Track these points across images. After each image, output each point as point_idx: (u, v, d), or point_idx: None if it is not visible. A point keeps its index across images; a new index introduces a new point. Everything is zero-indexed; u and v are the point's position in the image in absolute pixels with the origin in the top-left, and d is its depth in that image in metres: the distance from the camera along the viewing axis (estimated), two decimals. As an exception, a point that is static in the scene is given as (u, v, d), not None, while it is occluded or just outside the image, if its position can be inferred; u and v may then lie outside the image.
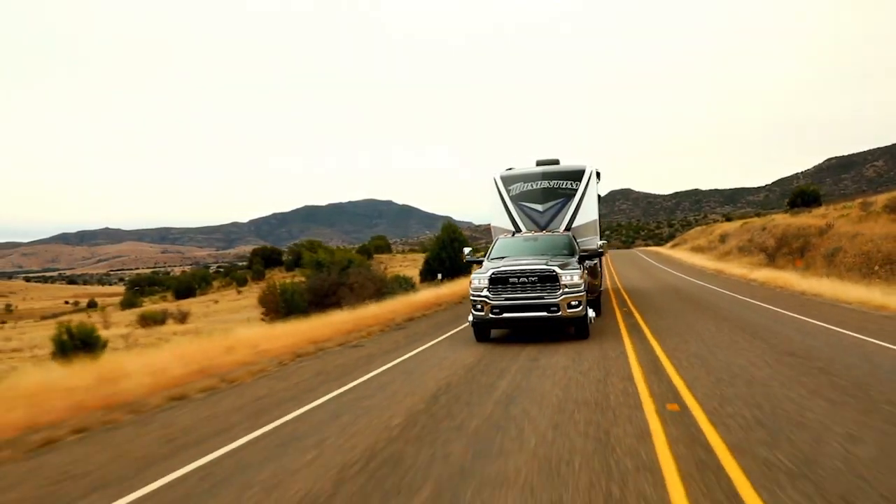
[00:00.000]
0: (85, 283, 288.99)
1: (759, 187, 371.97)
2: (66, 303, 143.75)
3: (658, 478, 4.49)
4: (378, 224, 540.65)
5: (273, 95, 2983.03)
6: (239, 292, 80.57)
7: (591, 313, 11.72)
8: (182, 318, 50.44)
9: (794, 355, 9.57)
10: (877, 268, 29.71)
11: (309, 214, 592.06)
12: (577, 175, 16.03)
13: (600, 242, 14.42)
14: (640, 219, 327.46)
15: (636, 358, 9.66)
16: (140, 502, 4.51)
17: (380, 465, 5.03)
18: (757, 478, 4.45)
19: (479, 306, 11.30)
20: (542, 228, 15.48)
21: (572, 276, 10.86)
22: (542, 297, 10.80)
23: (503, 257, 12.51)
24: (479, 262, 13.00)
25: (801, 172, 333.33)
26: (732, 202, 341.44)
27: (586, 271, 12.79)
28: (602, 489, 4.33)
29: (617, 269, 43.82)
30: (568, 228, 15.33)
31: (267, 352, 11.59)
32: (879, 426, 5.70)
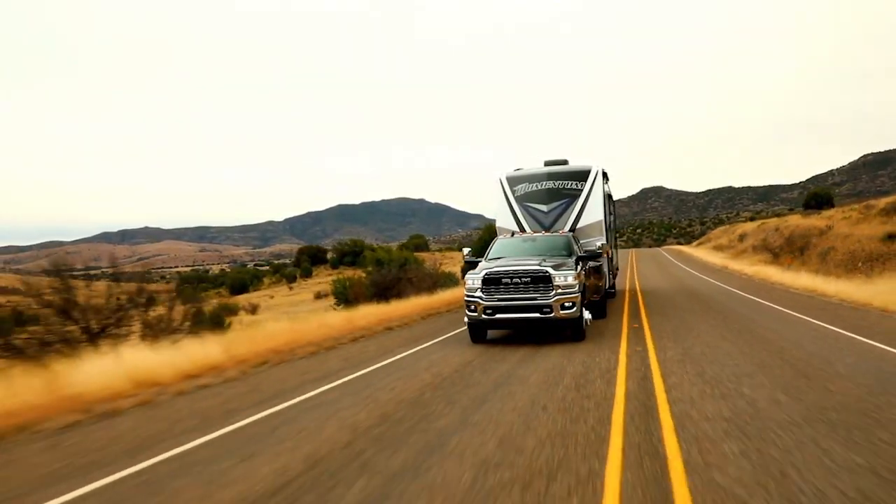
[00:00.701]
0: (128, 280, 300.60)
1: (793, 185, 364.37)
2: (118, 299, 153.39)
3: (618, 340, 11.63)
4: (411, 222, 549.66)
5: (306, 96, 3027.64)
6: (290, 288, 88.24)
7: (586, 315, 12.00)
8: (252, 309, 58.52)
9: (715, 310, 16.73)
10: (860, 264, 35.67)
11: (342, 213, 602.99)
12: (582, 175, 16.31)
13: (599, 243, 14.58)
14: (671, 217, 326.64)
15: (628, 305, 16.93)
16: (405, 357, 11.55)
17: (509, 341, 12.26)
18: (657, 337, 11.59)
19: (472, 307, 11.58)
20: (546, 229, 15.68)
21: (566, 277, 11.06)
22: (534, 299, 11.03)
23: (501, 258, 12.82)
24: (477, 263, 12.88)
25: (836, 169, 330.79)
26: (766, 199, 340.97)
27: (589, 272, 13.54)
28: (595, 331, 11.50)
29: (637, 264, 50.97)
30: (573, 229, 15.68)
31: (403, 315, 18.74)
32: (727, 330, 12.75)
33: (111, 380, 7.99)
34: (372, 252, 55.10)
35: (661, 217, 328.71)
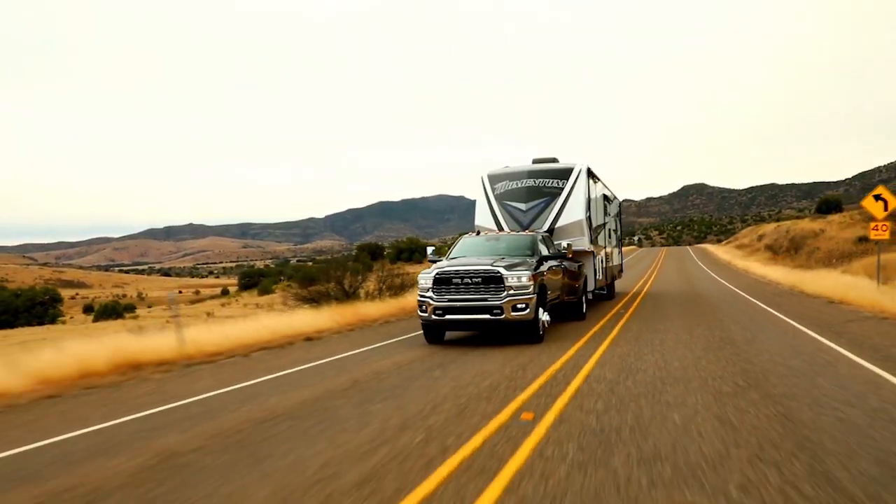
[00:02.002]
0: (177, 275, 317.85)
1: (838, 182, 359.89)
2: (180, 292, 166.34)
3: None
4: (450, 219, 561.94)
5: (347, 94, 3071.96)
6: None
7: (544, 317, 11.67)
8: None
9: (689, 281, 29.62)
10: (834, 260, 47.39)
11: (383, 210, 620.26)
12: (563, 174, 16.19)
13: (566, 244, 13.80)
14: (713, 214, 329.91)
15: (639, 280, 30.00)
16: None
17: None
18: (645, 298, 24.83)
19: (423, 307, 11.39)
20: (524, 228, 15.50)
21: (520, 278, 10.87)
22: (485, 299, 10.87)
23: (461, 257, 12.63)
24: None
25: (884, 166, 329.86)
26: (810, 197, 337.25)
27: (563, 273, 13.58)
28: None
29: (665, 258, 64.01)
30: (551, 228, 15.56)
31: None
32: (684, 287, 25.77)
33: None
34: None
35: (702, 214, 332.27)
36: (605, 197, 20.69)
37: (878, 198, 19.98)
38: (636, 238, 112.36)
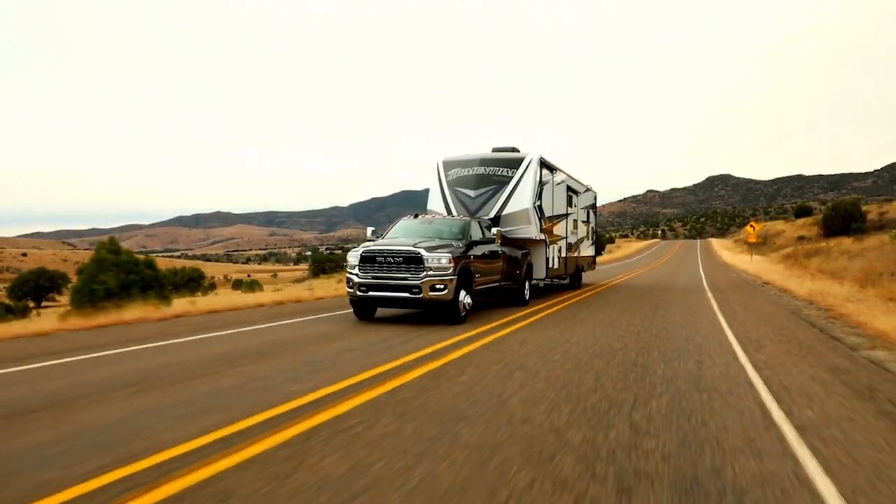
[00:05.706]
0: (216, 261, 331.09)
1: (866, 173, 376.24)
2: (248, 276, 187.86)
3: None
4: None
5: (368, 88, 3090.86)
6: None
7: (465, 299, 12.35)
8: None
9: (672, 261, 61.36)
10: (780, 250, 78.57)
11: (406, 199, 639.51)
12: (514, 163, 16.92)
13: (495, 231, 14.67)
14: (737, 205, 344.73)
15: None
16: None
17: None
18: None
19: (349, 283, 12.24)
20: (472, 214, 16.09)
21: (440, 260, 11.62)
22: (405, 279, 11.68)
23: (395, 238, 13.46)
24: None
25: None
26: (837, 188, 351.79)
27: (501, 258, 14.57)
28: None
29: (677, 248, 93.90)
30: (498, 215, 16.26)
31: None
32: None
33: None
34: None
35: (727, 206, 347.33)
36: (570, 188, 21.45)
37: (752, 225, 52.73)
38: (659, 230, 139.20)
